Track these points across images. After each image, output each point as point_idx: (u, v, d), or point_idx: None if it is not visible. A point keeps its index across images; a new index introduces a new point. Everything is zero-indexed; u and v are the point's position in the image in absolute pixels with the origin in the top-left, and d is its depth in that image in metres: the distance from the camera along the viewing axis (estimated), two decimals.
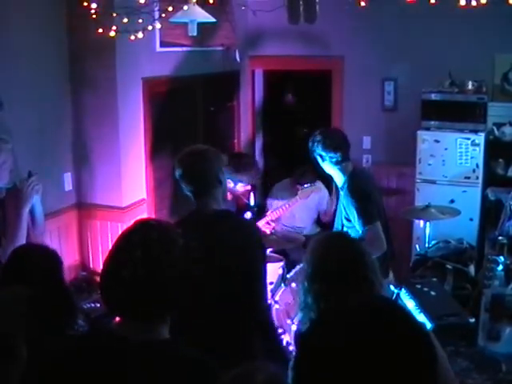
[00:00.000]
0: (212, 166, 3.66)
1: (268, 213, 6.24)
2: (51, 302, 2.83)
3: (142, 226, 2.16)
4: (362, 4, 4.91)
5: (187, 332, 3.48)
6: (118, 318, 2.15)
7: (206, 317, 3.32)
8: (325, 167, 4.90)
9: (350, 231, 4.61)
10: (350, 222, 4.65)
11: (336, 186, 5.19)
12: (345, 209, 4.79)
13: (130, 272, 1.99)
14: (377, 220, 4.58)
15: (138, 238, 2.06)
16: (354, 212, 4.59)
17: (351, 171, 4.85)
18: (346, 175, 4.82)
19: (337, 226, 4.94)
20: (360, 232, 4.53)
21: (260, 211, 6.45)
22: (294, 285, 5.21)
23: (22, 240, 4.13)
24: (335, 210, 5.27)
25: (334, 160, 4.78)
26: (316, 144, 4.85)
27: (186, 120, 7.07)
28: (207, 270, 3.36)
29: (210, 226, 3.53)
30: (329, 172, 4.92)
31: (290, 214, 6.71)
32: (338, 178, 4.89)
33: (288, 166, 7.55)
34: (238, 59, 7.75)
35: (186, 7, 5.17)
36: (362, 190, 4.75)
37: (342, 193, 4.90)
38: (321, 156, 4.83)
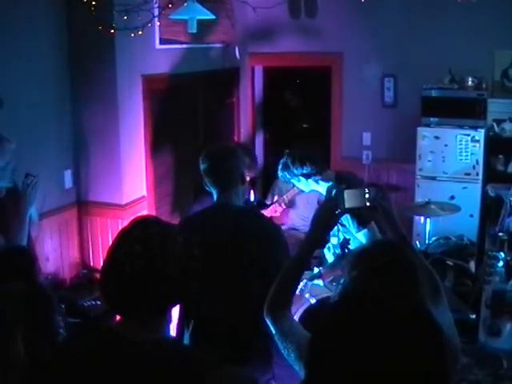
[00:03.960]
0: (239, 163, 3.73)
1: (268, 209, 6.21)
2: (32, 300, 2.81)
3: (141, 222, 2.16)
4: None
5: (202, 325, 3.58)
6: (118, 316, 2.15)
7: (221, 309, 3.40)
8: (307, 187, 4.72)
9: (347, 236, 4.57)
10: (344, 226, 4.59)
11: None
12: None
13: (131, 267, 1.98)
14: (370, 221, 4.50)
15: (137, 233, 2.05)
16: (347, 216, 4.49)
17: (334, 178, 4.67)
18: (330, 183, 4.62)
19: (332, 233, 4.85)
20: (355, 235, 4.45)
21: (259, 207, 6.42)
22: None
23: (23, 240, 4.13)
24: None
25: (309, 174, 4.60)
26: (284, 168, 4.69)
27: (186, 117, 7.07)
28: (226, 264, 3.45)
29: (235, 220, 3.59)
30: (314, 189, 4.72)
31: (291, 212, 6.70)
32: (323, 189, 4.72)
33: None
34: (238, 56, 7.75)
35: (185, 4, 5.17)
36: None
37: None
38: (295, 176, 4.64)
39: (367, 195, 2.83)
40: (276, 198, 6.66)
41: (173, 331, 3.51)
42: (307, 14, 6.42)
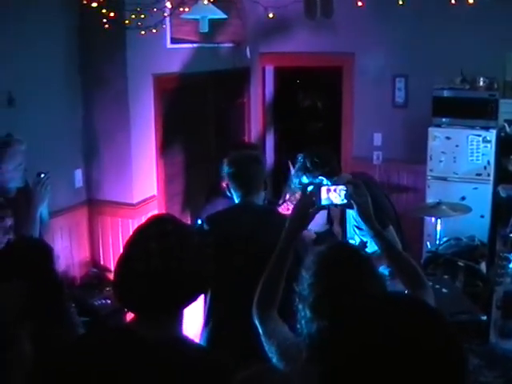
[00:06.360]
0: (262, 169, 4.01)
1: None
2: (42, 295, 2.80)
3: (156, 220, 2.16)
4: None
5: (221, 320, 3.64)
6: (131, 315, 2.15)
7: (239, 305, 3.42)
8: None
9: (364, 239, 4.55)
10: (361, 230, 4.59)
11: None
12: (354, 218, 4.71)
13: (146, 264, 1.98)
14: (388, 224, 4.50)
15: (153, 230, 2.06)
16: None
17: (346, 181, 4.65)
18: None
19: (350, 236, 4.85)
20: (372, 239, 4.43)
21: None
22: None
23: None
24: (344, 219, 5.14)
25: (327, 175, 4.59)
26: (301, 169, 4.68)
27: (197, 117, 7.07)
28: (246, 258, 3.61)
29: (256, 217, 3.83)
30: None
31: None
32: None
33: None
34: (249, 56, 7.75)
35: (197, 3, 5.17)
36: None
37: None
38: (314, 177, 4.59)
39: (343, 192, 2.86)
40: (288, 196, 6.65)
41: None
42: (323, 13, 6.41)
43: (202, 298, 3.32)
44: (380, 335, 1.38)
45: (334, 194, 2.88)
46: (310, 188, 2.91)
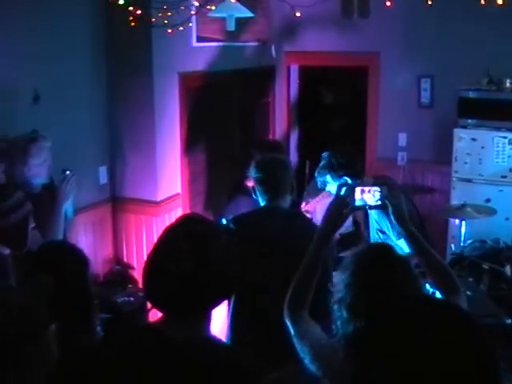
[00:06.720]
0: (289, 174, 4.01)
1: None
2: (71, 303, 2.81)
3: (187, 220, 2.15)
4: None
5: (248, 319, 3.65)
6: (155, 313, 2.15)
7: (265, 306, 3.51)
8: None
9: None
10: (384, 233, 4.58)
11: None
12: (377, 222, 4.69)
13: (175, 265, 1.97)
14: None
15: (183, 231, 2.05)
16: (387, 223, 4.49)
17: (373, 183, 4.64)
18: None
19: (373, 240, 4.83)
20: (396, 243, 4.42)
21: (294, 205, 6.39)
22: None
23: (59, 235, 4.16)
24: (367, 223, 5.12)
25: (352, 175, 4.60)
26: (326, 168, 4.70)
27: (221, 115, 7.07)
28: (273, 264, 3.63)
29: (282, 220, 3.82)
30: None
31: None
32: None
33: None
34: (274, 55, 7.74)
35: (224, 2, 5.17)
36: None
37: None
38: (338, 178, 4.64)
39: (378, 194, 2.84)
40: (307, 195, 6.63)
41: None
42: (360, 14, 6.39)
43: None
44: (415, 336, 1.40)
45: (368, 195, 2.87)
46: (344, 189, 2.90)
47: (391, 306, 1.54)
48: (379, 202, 2.86)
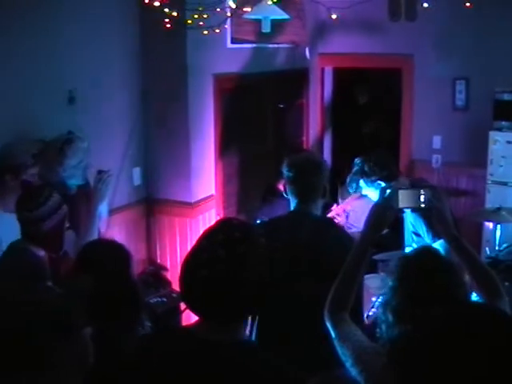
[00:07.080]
0: (323, 176, 3.76)
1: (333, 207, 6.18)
2: (117, 298, 2.84)
3: (224, 225, 2.15)
4: None
5: (276, 331, 3.56)
6: (188, 315, 2.16)
7: (295, 318, 3.41)
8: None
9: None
10: (419, 236, 4.54)
11: None
12: (412, 224, 4.66)
13: (212, 271, 1.98)
14: None
15: (221, 236, 2.05)
16: (423, 226, 4.46)
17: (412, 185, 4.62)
18: None
19: (408, 243, 4.81)
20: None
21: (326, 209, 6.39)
22: None
23: (94, 235, 4.19)
24: (402, 225, 5.09)
25: (385, 179, 4.57)
26: (359, 173, 4.66)
27: (255, 117, 7.08)
28: (300, 269, 3.48)
29: (312, 227, 3.63)
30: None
31: (355, 214, 6.65)
32: None
33: None
34: (308, 56, 7.74)
35: (260, 3, 5.18)
36: None
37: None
38: (371, 182, 4.62)
39: (422, 196, 2.82)
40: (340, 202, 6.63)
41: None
42: (407, 16, 6.39)
43: None
44: (472, 343, 1.40)
45: (411, 198, 2.85)
46: (388, 191, 2.88)
47: (445, 313, 1.54)
48: (423, 205, 2.84)
